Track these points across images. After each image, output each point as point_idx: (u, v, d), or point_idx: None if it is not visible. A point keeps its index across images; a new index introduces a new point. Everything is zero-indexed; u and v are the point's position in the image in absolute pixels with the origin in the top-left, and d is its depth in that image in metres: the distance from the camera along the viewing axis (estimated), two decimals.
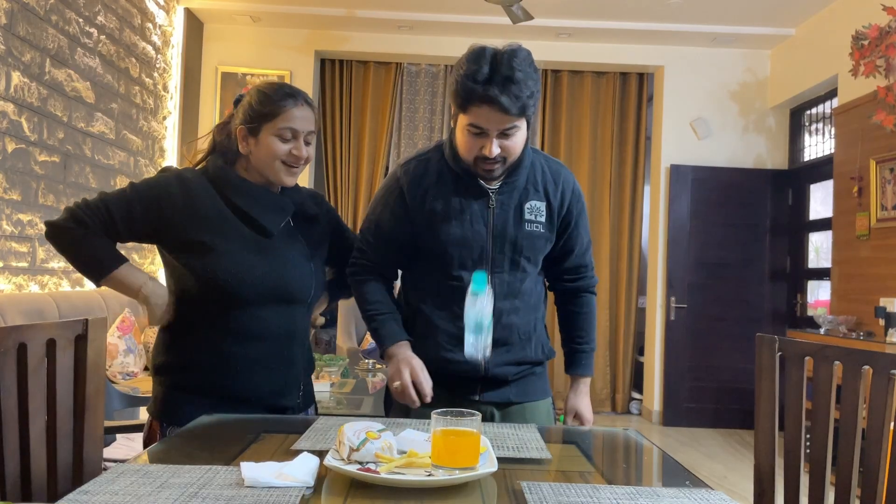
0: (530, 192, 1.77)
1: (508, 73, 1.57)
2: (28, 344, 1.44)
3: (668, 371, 6.09)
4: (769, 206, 6.08)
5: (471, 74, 1.59)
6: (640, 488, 1.21)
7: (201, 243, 1.63)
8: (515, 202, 1.75)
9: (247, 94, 1.73)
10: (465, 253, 1.73)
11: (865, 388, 1.57)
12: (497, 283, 1.73)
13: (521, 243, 1.75)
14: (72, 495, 1.07)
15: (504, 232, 1.74)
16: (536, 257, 1.79)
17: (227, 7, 5.72)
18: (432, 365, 1.74)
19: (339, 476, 1.19)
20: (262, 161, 1.68)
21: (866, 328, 4.54)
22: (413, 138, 6.42)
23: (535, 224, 1.76)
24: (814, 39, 5.49)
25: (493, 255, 1.74)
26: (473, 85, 1.59)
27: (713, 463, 4.84)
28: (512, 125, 1.63)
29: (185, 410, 1.63)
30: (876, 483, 1.50)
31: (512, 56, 1.59)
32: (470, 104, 1.62)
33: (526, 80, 1.59)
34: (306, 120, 1.69)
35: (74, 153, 4.18)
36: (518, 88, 1.58)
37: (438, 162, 1.77)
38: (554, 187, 1.80)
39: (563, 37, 6.01)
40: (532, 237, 1.76)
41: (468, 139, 1.66)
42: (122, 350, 4.17)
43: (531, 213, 1.76)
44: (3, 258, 3.57)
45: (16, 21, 3.55)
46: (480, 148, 1.65)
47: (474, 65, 1.59)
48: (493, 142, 1.63)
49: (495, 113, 1.59)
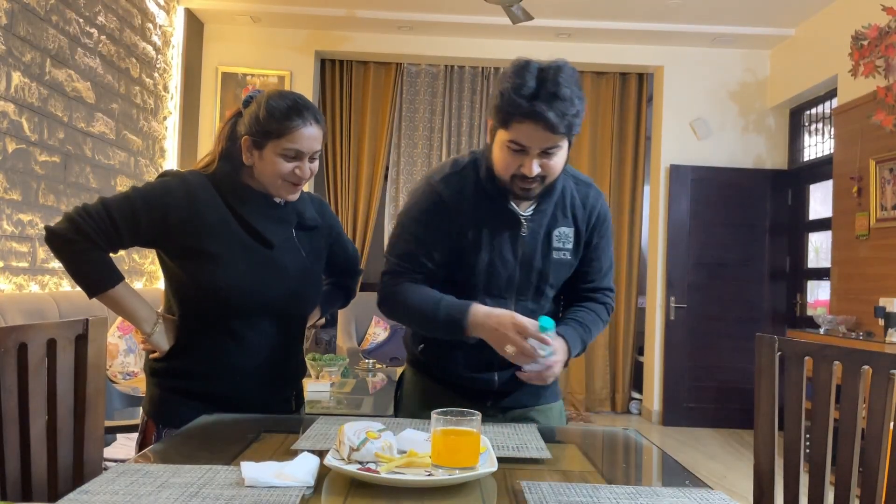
0: (559, 218, 1.71)
1: (554, 90, 1.49)
2: (28, 344, 1.44)
3: (667, 371, 6.09)
4: (769, 206, 6.08)
5: (516, 88, 1.50)
6: (640, 488, 1.21)
7: (204, 251, 1.62)
8: (545, 229, 1.69)
9: (255, 101, 1.67)
10: (491, 280, 1.67)
11: (865, 388, 1.57)
12: (520, 310, 1.66)
13: (549, 272, 1.70)
14: (72, 495, 1.07)
15: (532, 261, 1.68)
16: (560, 283, 1.76)
17: (227, 7, 5.72)
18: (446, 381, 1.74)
19: (339, 476, 1.19)
20: (265, 176, 1.65)
21: (866, 328, 4.54)
22: (413, 138, 6.42)
23: (563, 252, 1.71)
24: (813, 39, 5.49)
25: (519, 283, 1.69)
26: (519, 99, 1.50)
27: (713, 463, 4.84)
28: (554, 144, 1.55)
29: (181, 413, 1.62)
30: (876, 483, 1.50)
31: (558, 71, 1.52)
32: (513, 119, 1.53)
33: (573, 97, 1.51)
34: (313, 140, 1.64)
35: (75, 153, 4.18)
36: (565, 106, 1.50)
37: (475, 181, 1.67)
38: (583, 211, 1.73)
39: (563, 37, 6.01)
40: (559, 265, 1.71)
41: (507, 156, 1.57)
42: (122, 350, 4.17)
43: (559, 241, 1.70)
44: (4, 258, 3.57)
45: (16, 21, 3.55)
46: (519, 166, 1.56)
47: (519, 78, 1.51)
48: (533, 160, 1.55)
49: (539, 130, 1.51)
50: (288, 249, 1.71)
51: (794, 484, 1.67)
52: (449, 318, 1.58)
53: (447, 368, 1.74)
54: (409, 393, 1.85)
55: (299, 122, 1.61)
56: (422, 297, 1.63)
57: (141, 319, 1.65)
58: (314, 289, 1.77)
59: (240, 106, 1.73)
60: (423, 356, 1.80)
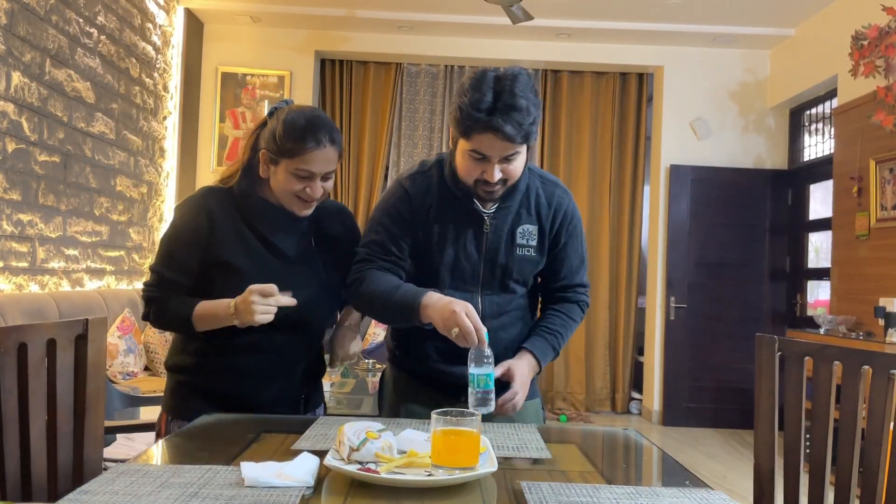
0: (523, 216, 1.77)
1: (511, 101, 1.56)
2: (28, 344, 1.44)
3: (667, 371, 6.09)
4: (769, 206, 6.08)
5: (474, 103, 1.58)
6: (640, 488, 1.21)
7: (224, 263, 1.68)
8: (509, 226, 1.76)
9: (275, 116, 1.69)
10: (456, 274, 1.74)
11: (865, 388, 1.57)
12: (487, 303, 1.75)
13: (512, 267, 1.76)
14: (72, 495, 1.07)
15: (495, 257, 1.75)
16: (526, 279, 1.81)
17: (227, 7, 5.72)
18: (422, 375, 1.79)
19: (339, 476, 1.19)
20: (278, 191, 1.69)
21: (866, 328, 4.54)
22: (413, 138, 6.42)
23: (527, 248, 1.77)
24: (813, 39, 5.49)
25: (484, 277, 1.75)
26: (477, 114, 1.57)
27: (713, 463, 4.84)
28: (514, 151, 1.63)
29: (191, 408, 1.68)
30: (876, 483, 1.50)
31: (514, 82, 1.58)
32: (472, 132, 1.61)
33: (528, 106, 1.58)
34: (326, 161, 1.66)
35: (74, 153, 4.18)
36: (521, 116, 1.57)
37: (439, 181, 1.76)
38: (547, 209, 1.80)
39: (563, 37, 6.01)
40: (523, 261, 1.77)
41: (469, 164, 1.65)
42: (122, 350, 4.17)
43: (523, 238, 1.77)
44: (3, 258, 3.57)
45: (16, 21, 3.55)
46: (482, 172, 1.64)
47: (477, 92, 1.58)
48: (494, 167, 1.63)
49: (498, 141, 1.59)
50: (304, 261, 1.74)
51: (794, 484, 1.67)
52: (403, 302, 1.63)
53: (421, 362, 1.79)
54: (389, 389, 1.89)
55: (313, 144, 1.63)
56: (382, 283, 1.69)
57: (224, 318, 1.64)
58: (329, 300, 1.79)
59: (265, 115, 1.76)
60: (399, 351, 1.86)
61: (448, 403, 1.48)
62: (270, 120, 1.70)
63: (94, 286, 4.47)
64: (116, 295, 4.43)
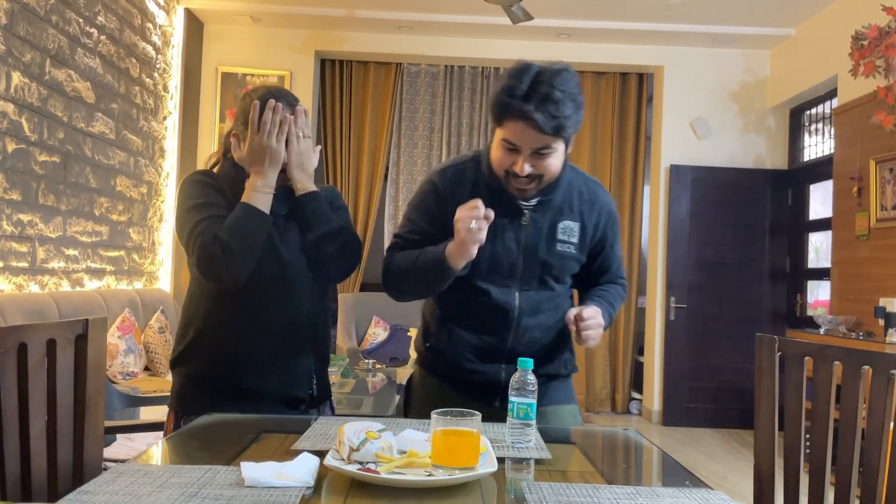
0: (565, 211, 1.75)
1: (548, 91, 1.54)
2: (28, 344, 1.44)
3: (668, 371, 6.09)
4: (769, 206, 6.08)
5: (509, 89, 1.57)
6: (640, 488, 1.21)
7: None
8: (549, 221, 1.73)
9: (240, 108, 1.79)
10: (493, 268, 1.71)
11: (865, 388, 1.57)
12: (524, 299, 1.73)
13: (552, 263, 1.73)
14: (72, 495, 1.07)
15: (535, 251, 1.72)
16: (565, 277, 1.79)
17: (227, 7, 5.72)
18: (453, 377, 1.77)
19: (339, 476, 1.19)
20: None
21: (866, 328, 4.54)
22: (413, 138, 6.42)
23: (567, 245, 1.75)
24: (813, 40, 5.49)
25: (522, 272, 1.73)
26: (510, 99, 1.56)
27: (713, 463, 4.84)
28: (546, 145, 1.60)
29: (197, 402, 1.70)
30: (876, 483, 1.50)
31: (555, 75, 1.57)
32: (505, 118, 1.60)
33: (565, 100, 1.55)
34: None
35: (74, 153, 4.18)
36: (556, 108, 1.55)
37: (475, 173, 1.75)
38: (590, 209, 1.78)
39: (563, 37, 6.01)
40: (563, 257, 1.75)
41: (501, 153, 1.64)
42: (122, 350, 4.17)
43: (564, 234, 1.74)
44: (3, 258, 3.57)
45: (16, 21, 3.55)
46: (512, 164, 1.63)
47: (515, 79, 1.57)
48: (524, 159, 1.61)
49: (529, 130, 1.57)
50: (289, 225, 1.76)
51: (794, 484, 1.67)
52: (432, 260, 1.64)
53: (453, 363, 1.76)
54: (418, 393, 1.86)
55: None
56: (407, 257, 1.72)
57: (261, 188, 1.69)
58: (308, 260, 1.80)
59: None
60: (430, 353, 1.82)
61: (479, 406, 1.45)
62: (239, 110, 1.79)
63: (94, 286, 4.47)
64: (116, 295, 4.43)
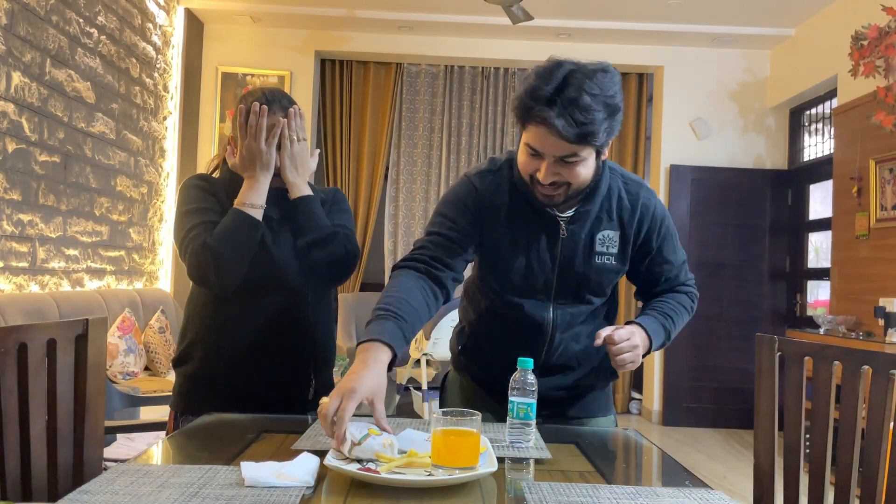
0: (603, 220, 1.62)
1: (575, 96, 1.39)
2: (28, 344, 1.44)
3: (668, 371, 6.09)
4: (769, 206, 6.08)
5: (532, 90, 1.43)
6: (640, 488, 1.21)
7: None
8: (587, 232, 1.61)
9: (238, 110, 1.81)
10: (528, 282, 1.62)
11: (865, 388, 1.57)
12: (559, 314, 1.64)
13: (590, 277, 1.62)
14: (72, 495, 1.07)
15: (571, 265, 1.61)
16: (604, 290, 1.68)
17: (227, 7, 5.72)
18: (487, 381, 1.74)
19: (339, 476, 1.19)
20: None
21: (866, 328, 4.54)
22: (413, 138, 6.42)
23: (606, 256, 1.62)
24: (813, 40, 5.49)
25: (558, 286, 1.63)
26: (532, 102, 1.42)
27: (713, 463, 4.84)
28: (571, 153, 1.45)
29: (198, 401, 1.72)
30: (875, 483, 1.50)
31: (589, 76, 1.41)
32: (527, 122, 1.46)
33: (595, 105, 1.40)
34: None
35: (75, 153, 4.18)
36: (583, 114, 1.39)
37: (510, 182, 1.62)
38: (630, 214, 1.63)
39: (563, 37, 6.01)
40: (602, 271, 1.63)
41: (525, 158, 1.52)
42: (122, 350, 4.17)
43: (602, 245, 1.62)
44: (4, 258, 3.57)
45: (16, 21, 3.55)
46: (535, 170, 1.50)
47: (541, 80, 1.43)
48: (547, 167, 1.47)
49: (551, 136, 1.42)
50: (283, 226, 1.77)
51: (794, 484, 1.67)
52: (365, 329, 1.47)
53: (484, 370, 1.74)
54: (452, 393, 1.84)
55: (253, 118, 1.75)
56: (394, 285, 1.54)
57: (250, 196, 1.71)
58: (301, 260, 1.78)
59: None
60: (463, 356, 1.81)
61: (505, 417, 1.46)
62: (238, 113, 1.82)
63: (94, 286, 4.47)
64: (116, 295, 4.43)
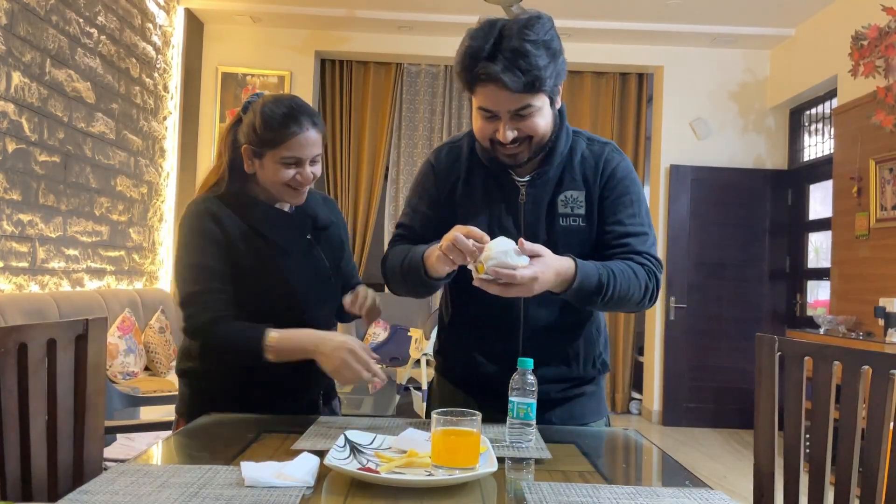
0: (565, 181, 1.57)
1: (515, 45, 1.37)
2: (28, 344, 1.44)
3: (667, 371, 6.09)
4: (768, 207, 6.08)
5: (472, 51, 1.41)
6: (640, 488, 1.21)
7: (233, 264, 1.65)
8: (549, 195, 1.56)
9: (251, 109, 1.66)
10: None
11: (865, 388, 1.57)
12: None
13: (556, 241, 1.53)
14: (72, 495, 1.07)
15: (536, 231, 1.55)
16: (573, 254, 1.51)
17: (227, 7, 5.72)
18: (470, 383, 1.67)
19: (339, 476, 1.19)
20: (268, 183, 1.67)
21: (866, 328, 4.54)
22: (413, 138, 6.42)
23: (572, 217, 1.56)
24: (813, 40, 5.49)
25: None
26: (473, 63, 1.40)
27: (713, 463, 4.84)
28: (525, 104, 1.43)
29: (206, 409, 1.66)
30: (875, 483, 1.50)
31: (524, 26, 1.39)
32: (474, 84, 1.44)
33: (536, 51, 1.37)
34: (311, 145, 1.62)
35: (75, 153, 4.18)
36: (527, 62, 1.37)
37: (470, 151, 1.61)
38: (594, 170, 1.58)
39: (563, 37, 5.92)
40: (568, 233, 1.55)
41: (481, 123, 1.49)
42: (122, 350, 4.17)
43: (566, 206, 1.55)
44: (3, 258, 3.57)
45: (16, 21, 3.55)
46: (494, 132, 1.47)
47: (478, 39, 1.41)
48: (505, 125, 1.45)
49: (501, 92, 1.40)
50: (306, 254, 1.72)
51: (794, 484, 1.67)
52: (416, 263, 1.51)
53: (470, 368, 1.66)
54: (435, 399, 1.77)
55: (296, 128, 1.60)
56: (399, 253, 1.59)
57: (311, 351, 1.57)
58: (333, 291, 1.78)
59: (239, 111, 1.73)
60: (441, 355, 1.75)
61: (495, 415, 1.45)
62: (246, 115, 1.67)
63: (94, 286, 4.47)
64: (116, 295, 4.43)
